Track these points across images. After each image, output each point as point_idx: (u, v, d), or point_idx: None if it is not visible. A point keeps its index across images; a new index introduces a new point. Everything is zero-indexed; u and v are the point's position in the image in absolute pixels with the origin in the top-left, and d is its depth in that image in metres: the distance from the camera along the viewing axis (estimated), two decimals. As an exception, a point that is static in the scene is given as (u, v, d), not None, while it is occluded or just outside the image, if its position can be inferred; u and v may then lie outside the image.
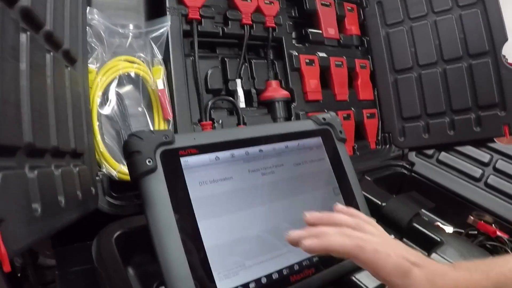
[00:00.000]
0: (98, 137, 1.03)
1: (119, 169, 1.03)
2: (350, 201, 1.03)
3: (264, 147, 0.95)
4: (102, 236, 0.92)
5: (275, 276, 0.84)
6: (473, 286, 0.71)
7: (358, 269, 0.94)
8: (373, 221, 0.81)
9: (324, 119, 1.08)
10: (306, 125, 1.06)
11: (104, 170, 1.03)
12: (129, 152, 0.79)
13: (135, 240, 0.93)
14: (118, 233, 0.93)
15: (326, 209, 0.96)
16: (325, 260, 0.91)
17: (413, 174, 1.66)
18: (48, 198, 0.67)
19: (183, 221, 0.77)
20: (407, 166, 1.67)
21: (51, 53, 0.75)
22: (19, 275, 0.99)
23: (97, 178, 1.01)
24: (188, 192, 0.80)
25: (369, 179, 1.49)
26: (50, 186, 0.69)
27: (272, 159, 0.95)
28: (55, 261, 0.96)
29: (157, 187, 0.77)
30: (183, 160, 0.82)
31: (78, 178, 0.84)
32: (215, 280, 0.77)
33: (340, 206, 0.84)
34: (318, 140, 1.05)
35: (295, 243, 0.73)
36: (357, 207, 1.03)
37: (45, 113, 0.71)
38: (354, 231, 0.74)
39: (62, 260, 0.93)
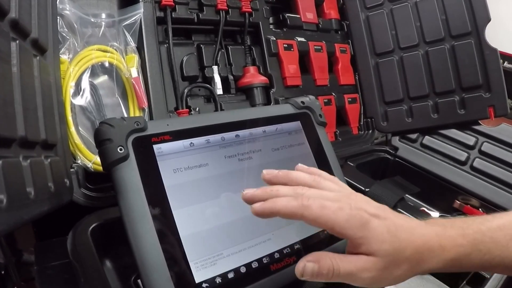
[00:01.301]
0: (72, 128, 1.01)
1: (95, 161, 1.00)
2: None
3: (241, 132, 0.92)
4: (77, 229, 0.90)
5: (254, 265, 0.82)
6: (447, 242, 0.67)
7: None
8: (335, 178, 0.78)
9: (303, 102, 1.06)
10: (284, 109, 1.04)
11: (79, 161, 1.00)
12: (99, 140, 0.77)
13: (113, 232, 0.91)
14: (94, 225, 0.92)
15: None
16: (307, 247, 0.89)
17: (397, 159, 1.65)
18: (15, 189, 0.65)
19: (157, 210, 0.75)
20: (391, 151, 1.66)
21: (17, 41, 0.73)
22: (2, 272, 0.97)
23: (71, 170, 0.98)
24: (161, 180, 0.78)
25: (352, 164, 1.48)
26: (17, 177, 0.67)
27: (249, 144, 0.93)
28: (34, 256, 0.94)
29: (129, 175, 0.75)
30: (156, 147, 0.80)
31: (50, 169, 0.81)
32: (192, 270, 0.75)
33: (301, 165, 0.81)
34: (297, 124, 1.03)
35: (248, 202, 0.72)
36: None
37: (11, 102, 0.68)
38: (308, 189, 0.71)
39: (41, 255, 0.91)
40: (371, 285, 0.66)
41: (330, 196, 0.69)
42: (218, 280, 0.76)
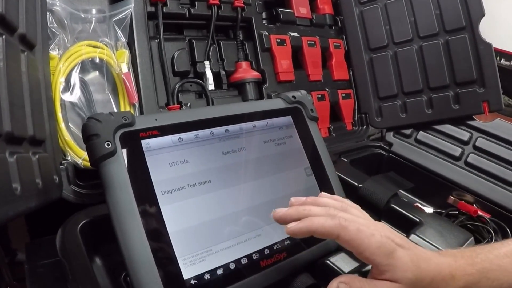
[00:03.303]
0: (62, 125, 1.00)
1: (85, 157, 0.99)
2: (323, 181, 1.01)
3: (231, 127, 0.92)
4: (66, 226, 0.90)
5: (244, 261, 0.81)
6: (458, 271, 0.71)
7: (332, 252, 0.92)
8: (358, 206, 0.80)
9: (294, 97, 1.05)
10: (275, 103, 1.04)
11: (69, 158, 1.00)
12: (87, 136, 0.76)
13: (102, 229, 0.89)
14: (83, 222, 0.91)
15: (297, 190, 0.94)
16: (297, 243, 0.89)
17: (391, 154, 1.64)
18: (0, 185, 0.65)
19: (145, 206, 0.75)
20: (385, 146, 1.65)
21: (4, 36, 0.72)
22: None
23: (61, 166, 0.98)
24: (150, 176, 0.77)
25: (345, 160, 1.47)
26: (2, 173, 0.66)
27: (239, 139, 0.92)
28: (25, 255, 0.94)
29: (117, 171, 0.75)
30: (144, 142, 0.79)
31: (38, 165, 0.81)
32: (180, 267, 0.74)
33: (325, 193, 0.84)
34: (288, 119, 1.02)
35: (281, 222, 0.74)
36: (330, 188, 1.01)
37: (-5, 97, 0.68)
38: (340, 211, 0.74)
39: (32, 254, 0.91)
40: None
41: (362, 222, 0.71)
42: (207, 276, 0.76)
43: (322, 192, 0.84)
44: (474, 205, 1.41)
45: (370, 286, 0.69)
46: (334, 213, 0.72)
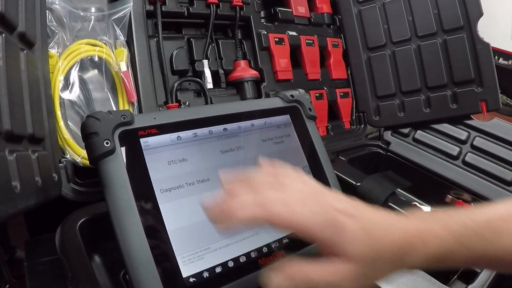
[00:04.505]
0: (61, 123, 1.00)
1: (84, 155, 1.00)
2: (321, 180, 1.00)
3: (229, 126, 0.92)
4: (65, 224, 0.90)
5: (242, 259, 0.82)
6: (428, 236, 0.61)
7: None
8: (299, 171, 0.69)
9: (292, 96, 1.05)
10: (273, 102, 1.04)
11: (68, 156, 1.00)
12: (86, 134, 0.77)
13: (101, 227, 0.89)
14: (82, 220, 0.92)
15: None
16: (295, 241, 0.88)
17: (389, 153, 1.64)
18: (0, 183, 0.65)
19: (144, 204, 0.75)
20: (383, 145, 1.65)
21: (3, 35, 0.73)
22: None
23: (60, 164, 0.98)
24: (148, 174, 0.78)
25: (343, 159, 1.48)
26: (1, 171, 0.67)
27: (238, 137, 0.93)
28: (24, 252, 0.94)
29: (116, 169, 0.75)
30: (143, 140, 0.80)
31: (37, 164, 0.81)
32: (179, 265, 0.74)
33: (263, 160, 0.72)
34: (286, 118, 1.03)
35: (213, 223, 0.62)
36: (328, 187, 1.00)
37: (-5, 95, 0.69)
38: (270, 189, 0.63)
39: (31, 252, 0.91)
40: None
41: (297, 197, 0.62)
42: (206, 274, 0.76)
43: (260, 158, 0.73)
44: (472, 203, 1.41)
45: (310, 270, 0.59)
46: (260, 198, 0.61)
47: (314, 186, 0.66)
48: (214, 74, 1.35)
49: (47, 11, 1.01)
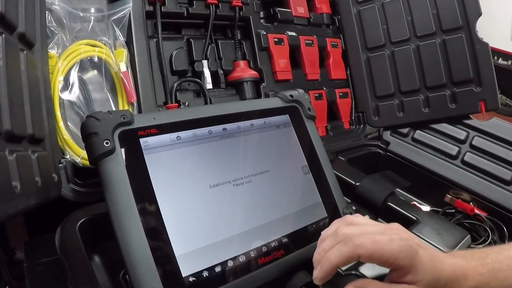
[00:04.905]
0: (61, 123, 1.00)
1: (83, 156, 1.00)
2: (320, 180, 1.01)
3: (228, 126, 0.92)
4: (65, 224, 0.90)
5: (242, 258, 0.81)
6: (470, 272, 0.72)
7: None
8: (359, 215, 0.80)
9: (291, 96, 1.05)
10: (273, 102, 1.04)
11: (67, 156, 1.00)
12: (86, 134, 0.76)
13: (101, 227, 0.89)
14: (82, 220, 0.91)
15: (294, 188, 0.95)
16: (295, 241, 0.89)
17: (388, 153, 1.64)
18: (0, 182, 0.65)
19: (144, 204, 0.75)
20: (382, 145, 1.66)
21: (3, 35, 0.73)
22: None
23: (60, 165, 0.98)
24: (148, 174, 0.78)
25: (343, 159, 1.48)
26: (2, 171, 0.67)
27: (237, 137, 0.93)
28: (24, 253, 0.94)
29: (116, 169, 0.75)
30: (143, 140, 0.79)
31: (37, 164, 0.82)
32: (178, 264, 0.74)
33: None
34: (285, 117, 1.03)
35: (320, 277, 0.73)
36: (327, 186, 1.01)
37: (-5, 95, 0.69)
38: (347, 227, 0.73)
39: (31, 252, 0.91)
40: None
41: (374, 230, 0.72)
42: (205, 273, 0.76)
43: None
44: (471, 203, 1.42)
45: None
46: (342, 236, 0.71)
47: (379, 223, 0.78)
48: (214, 75, 1.35)
49: (46, 12, 1.01)
